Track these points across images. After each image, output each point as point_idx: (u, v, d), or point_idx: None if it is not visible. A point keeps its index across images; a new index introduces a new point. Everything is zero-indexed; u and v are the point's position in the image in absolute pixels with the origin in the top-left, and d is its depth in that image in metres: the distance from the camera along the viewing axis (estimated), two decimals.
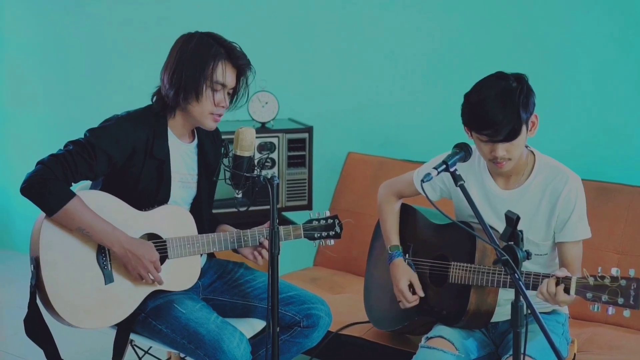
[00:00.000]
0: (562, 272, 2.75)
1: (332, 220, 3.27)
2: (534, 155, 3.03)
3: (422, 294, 3.19)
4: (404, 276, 3.22)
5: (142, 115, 3.04)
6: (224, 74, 2.99)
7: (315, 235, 3.24)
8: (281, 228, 3.10)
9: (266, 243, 3.10)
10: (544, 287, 2.74)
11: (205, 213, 3.21)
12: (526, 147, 3.00)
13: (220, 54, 2.99)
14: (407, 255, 3.29)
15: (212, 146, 3.21)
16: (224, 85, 3.01)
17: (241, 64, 3.03)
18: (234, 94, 3.08)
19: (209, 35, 3.04)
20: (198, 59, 2.97)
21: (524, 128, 2.83)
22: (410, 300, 3.19)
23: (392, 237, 3.34)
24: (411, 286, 3.20)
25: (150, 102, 3.10)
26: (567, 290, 2.71)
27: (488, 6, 4.57)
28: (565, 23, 4.38)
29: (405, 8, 4.78)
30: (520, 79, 2.86)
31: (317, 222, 3.25)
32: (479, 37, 4.64)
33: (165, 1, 5.46)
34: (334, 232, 3.26)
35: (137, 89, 3.63)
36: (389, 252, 3.31)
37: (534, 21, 4.47)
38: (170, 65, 3.00)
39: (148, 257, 2.92)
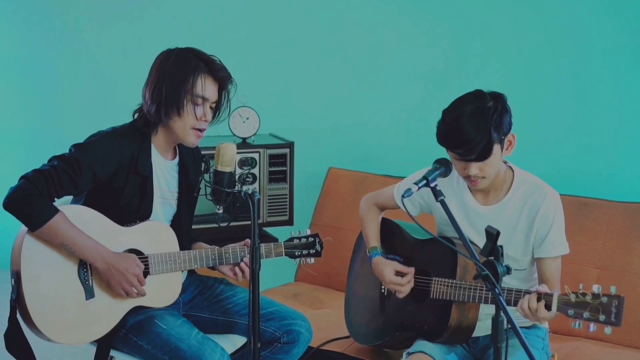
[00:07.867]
0: (544, 288, 2.75)
1: (312, 239, 3.28)
2: (513, 171, 3.04)
3: (411, 269, 3.14)
4: (387, 267, 3.18)
5: (127, 132, 3.04)
6: (204, 87, 2.99)
7: (296, 254, 3.26)
8: (262, 246, 3.10)
9: (247, 260, 3.10)
10: (525, 303, 2.73)
11: (185, 230, 3.20)
12: (505, 162, 3.01)
13: (200, 67, 2.99)
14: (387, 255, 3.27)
15: (193, 164, 3.21)
16: (205, 99, 3.01)
17: (221, 77, 3.03)
18: (217, 108, 3.08)
19: (188, 50, 3.04)
20: (178, 74, 2.97)
21: (496, 147, 2.82)
22: (403, 284, 3.13)
23: (372, 239, 3.33)
24: (399, 273, 3.17)
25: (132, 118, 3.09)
26: (547, 307, 2.70)
27: (467, 25, 4.60)
28: (545, 43, 4.42)
29: (387, 27, 4.81)
30: (497, 98, 2.85)
31: (297, 241, 3.26)
32: (459, 54, 4.67)
33: (143, 17, 5.46)
34: (314, 251, 3.28)
35: (119, 103, 3.62)
36: (368, 253, 3.30)
37: (514, 41, 4.50)
38: (151, 81, 3.01)
39: (131, 271, 2.91)
